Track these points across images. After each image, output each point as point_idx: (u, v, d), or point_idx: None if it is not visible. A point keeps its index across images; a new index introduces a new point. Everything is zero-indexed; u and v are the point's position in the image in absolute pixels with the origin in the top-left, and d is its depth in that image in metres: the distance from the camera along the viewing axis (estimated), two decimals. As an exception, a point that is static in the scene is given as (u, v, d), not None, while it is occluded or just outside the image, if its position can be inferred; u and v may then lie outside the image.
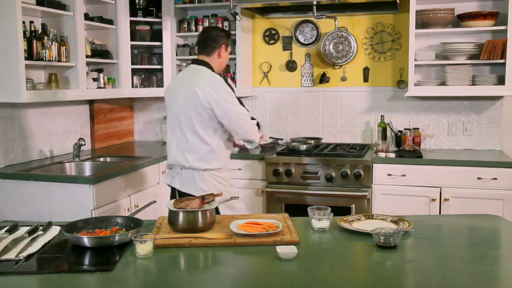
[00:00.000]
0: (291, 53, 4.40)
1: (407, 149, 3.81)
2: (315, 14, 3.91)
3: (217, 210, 2.20)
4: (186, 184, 2.74)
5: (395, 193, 3.57)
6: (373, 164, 3.60)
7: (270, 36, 4.44)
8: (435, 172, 3.51)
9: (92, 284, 1.55)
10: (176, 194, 2.79)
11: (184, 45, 4.40)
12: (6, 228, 1.98)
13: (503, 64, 3.60)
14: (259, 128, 2.89)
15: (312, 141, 4.04)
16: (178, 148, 2.74)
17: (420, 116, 4.13)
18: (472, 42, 3.75)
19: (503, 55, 3.59)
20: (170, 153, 2.81)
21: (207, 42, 2.78)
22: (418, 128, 4.01)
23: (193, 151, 2.70)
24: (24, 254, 1.75)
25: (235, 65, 4.20)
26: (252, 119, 2.82)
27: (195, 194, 2.51)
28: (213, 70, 2.78)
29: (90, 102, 4.19)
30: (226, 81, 2.75)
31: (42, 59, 3.27)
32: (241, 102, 2.77)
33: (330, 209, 2.09)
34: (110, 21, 4.01)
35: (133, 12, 4.19)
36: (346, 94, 4.31)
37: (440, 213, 3.49)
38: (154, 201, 3.60)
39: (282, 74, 4.46)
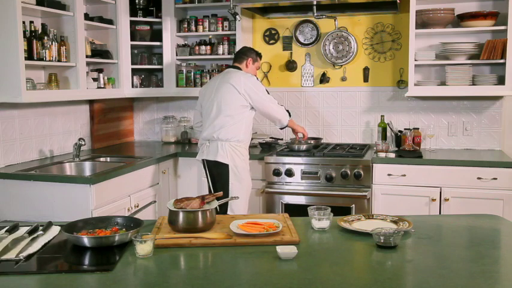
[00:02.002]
0: (291, 53, 4.40)
1: (407, 149, 3.81)
2: (315, 14, 3.91)
3: (220, 209, 2.22)
4: (210, 153, 3.40)
5: (395, 193, 3.57)
6: (373, 164, 3.60)
7: (270, 36, 4.44)
8: (435, 172, 3.51)
9: (91, 284, 1.55)
10: (205, 166, 3.46)
11: (184, 45, 4.40)
12: (6, 228, 1.98)
13: (503, 64, 3.61)
14: (290, 116, 3.63)
15: (312, 141, 4.04)
16: (210, 127, 3.40)
17: (420, 116, 4.13)
18: (472, 42, 3.75)
19: (503, 55, 3.59)
20: (202, 132, 3.49)
21: (239, 54, 3.62)
22: (418, 128, 4.01)
23: (221, 126, 3.36)
24: (24, 254, 1.75)
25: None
26: (287, 111, 3.60)
27: (217, 160, 3.34)
28: None
29: (90, 102, 4.19)
30: (257, 79, 3.54)
31: (42, 59, 3.27)
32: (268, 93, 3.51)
33: (330, 209, 2.09)
34: (110, 21, 4.01)
35: (133, 12, 4.19)
36: (346, 94, 4.30)
37: (440, 213, 3.49)
38: (155, 201, 3.58)
39: (282, 74, 4.45)
